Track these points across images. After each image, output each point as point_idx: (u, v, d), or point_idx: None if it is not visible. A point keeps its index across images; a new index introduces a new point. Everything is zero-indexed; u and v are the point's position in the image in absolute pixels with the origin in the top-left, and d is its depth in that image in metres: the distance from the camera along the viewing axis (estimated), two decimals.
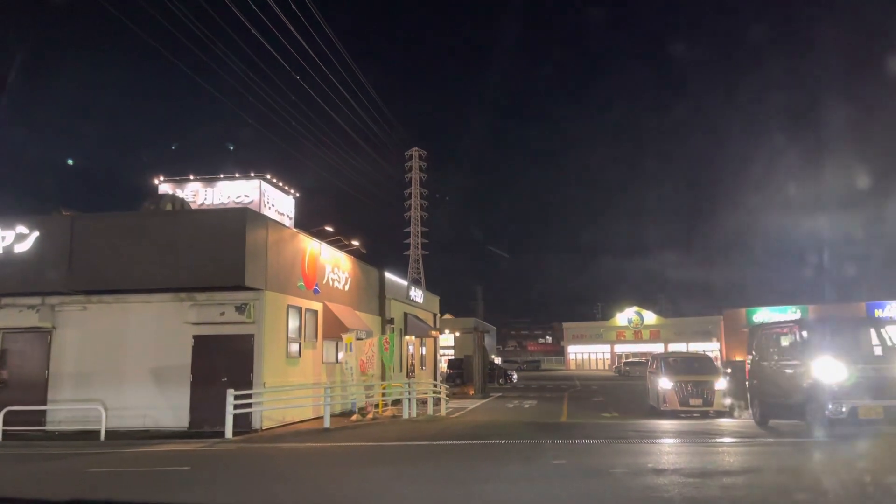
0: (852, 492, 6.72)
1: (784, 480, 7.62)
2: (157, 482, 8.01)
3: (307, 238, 18.28)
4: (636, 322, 76.33)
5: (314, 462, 9.55)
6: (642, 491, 6.83)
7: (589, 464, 8.68)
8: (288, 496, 6.66)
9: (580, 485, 7.31)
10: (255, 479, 8.16)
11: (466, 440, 11.86)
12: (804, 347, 11.83)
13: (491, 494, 6.81)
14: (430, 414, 18.62)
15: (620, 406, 21.62)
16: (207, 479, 8.24)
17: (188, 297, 15.23)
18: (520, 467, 8.31)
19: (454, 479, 7.68)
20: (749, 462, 9.36)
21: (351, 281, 21.02)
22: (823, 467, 8.82)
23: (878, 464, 8.83)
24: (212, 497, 6.50)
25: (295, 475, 8.36)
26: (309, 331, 17.70)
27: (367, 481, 7.74)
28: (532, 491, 6.96)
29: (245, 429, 14.21)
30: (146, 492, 7.03)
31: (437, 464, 8.69)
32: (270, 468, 8.84)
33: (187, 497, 6.27)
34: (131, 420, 14.86)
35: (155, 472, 8.76)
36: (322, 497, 6.69)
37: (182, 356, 15.05)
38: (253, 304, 14.92)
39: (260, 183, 21.10)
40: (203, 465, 9.22)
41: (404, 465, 8.72)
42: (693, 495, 6.56)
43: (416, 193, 78.41)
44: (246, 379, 14.78)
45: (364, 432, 13.83)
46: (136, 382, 15.08)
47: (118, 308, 15.45)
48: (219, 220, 15.45)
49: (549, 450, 10.02)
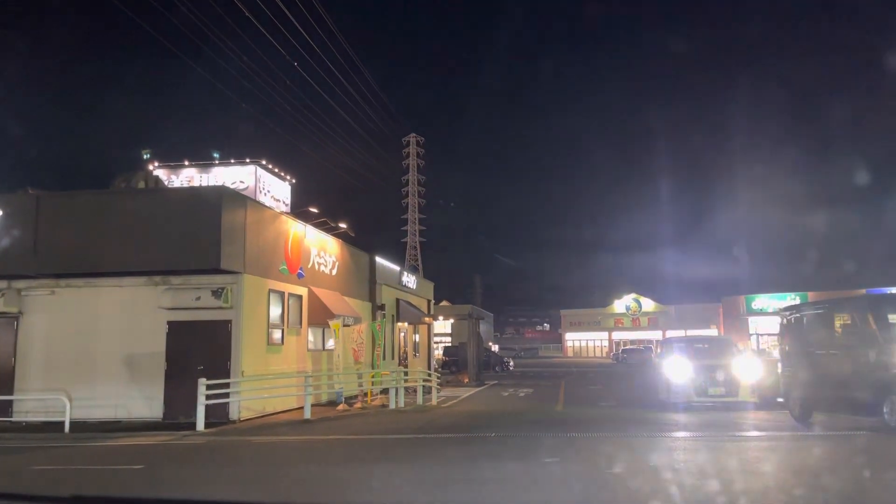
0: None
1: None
2: (98, 481, 7.22)
3: (290, 219, 17.44)
4: (634, 309, 75.83)
5: (281, 458, 8.70)
6: (645, 497, 6.00)
7: (584, 462, 7.77)
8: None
9: (573, 489, 6.46)
10: (207, 478, 7.37)
11: (453, 433, 11.03)
12: (875, 332, 10.04)
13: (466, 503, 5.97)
14: (420, 403, 17.87)
15: (618, 395, 20.97)
16: (156, 479, 7.44)
17: (162, 280, 14.45)
18: (506, 466, 7.39)
19: (429, 481, 6.81)
20: (797, 462, 8.18)
21: (339, 265, 20.21)
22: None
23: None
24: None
25: (253, 475, 7.54)
26: (293, 317, 16.90)
27: (330, 482, 6.94)
28: (516, 498, 6.11)
29: (222, 420, 13.50)
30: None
31: (414, 461, 7.81)
32: (231, 466, 8.00)
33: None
34: (103, 410, 14.13)
35: (102, 470, 7.98)
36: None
37: (156, 343, 14.29)
38: (230, 289, 14.14)
39: (255, 169, 20.52)
40: (160, 461, 8.42)
41: (378, 463, 7.84)
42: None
43: (413, 180, 77.68)
44: (223, 367, 14.05)
45: (345, 424, 13.05)
46: (107, 371, 14.34)
47: (89, 292, 14.65)
48: (193, 198, 14.60)
49: (542, 445, 9.16)
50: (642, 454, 8.63)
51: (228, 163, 20.88)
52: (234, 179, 20.42)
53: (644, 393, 18.37)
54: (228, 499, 5.89)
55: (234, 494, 5.93)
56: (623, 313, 76.29)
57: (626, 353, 53.29)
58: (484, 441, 9.84)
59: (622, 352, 56.81)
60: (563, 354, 79.01)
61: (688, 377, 14.61)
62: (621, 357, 54.43)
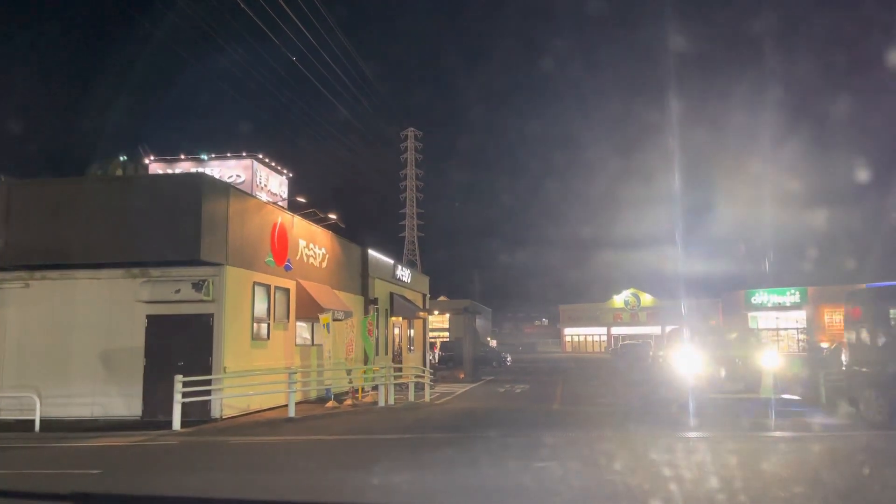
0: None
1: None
2: (42, 489, 6.55)
3: (277, 209, 16.80)
4: (633, 304, 75.33)
5: (252, 463, 7.95)
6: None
7: (580, 467, 7.07)
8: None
9: (565, 501, 5.79)
10: (160, 486, 6.68)
11: (441, 433, 10.37)
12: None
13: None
14: (412, 400, 17.26)
15: (617, 391, 20.39)
16: (106, 487, 6.75)
17: (141, 272, 13.83)
18: (491, 473, 6.64)
19: (400, 490, 6.08)
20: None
21: (329, 258, 19.57)
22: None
23: None
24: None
25: (216, 483, 6.86)
26: (279, 310, 16.27)
27: (296, 492, 6.25)
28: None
29: (203, 418, 12.90)
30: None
31: (392, 465, 7.08)
32: (194, 472, 7.24)
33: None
34: (79, 409, 13.53)
35: (54, 475, 7.34)
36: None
37: (134, 338, 13.67)
38: (212, 281, 13.52)
39: (252, 163, 20.06)
40: (121, 466, 7.76)
41: (353, 470, 7.05)
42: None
43: (411, 174, 77.07)
44: (205, 363, 13.44)
45: (330, 423, 12.42)
46: (84, 367, 13.72)
47: (64, 285, 14.01)
48: (172, 186, 13.96)
49: (535, 446, 8.48)
50: (643, 458, 7.93)
51: (225, 156, 20.47)
52: (230, 174, 19.98)
53: (645, 390, 17.75)
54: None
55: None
56: (622, 308, 75.80)
57: (625, 349, 52.61)
58: (471, 443, 9.12)
59: (621, 346, 56.14)
60: (562, 350, 78.46)
61: (701, 370, 13.27)
62: (620, 352, 53.75)
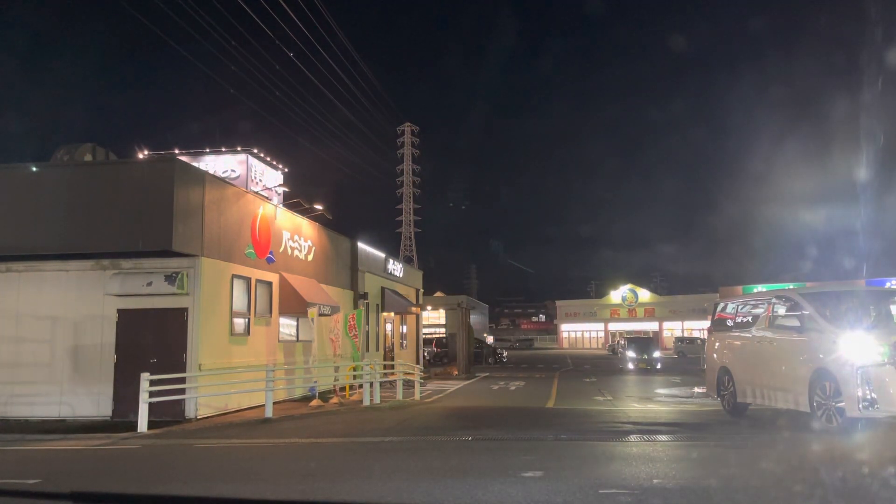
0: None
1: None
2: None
3: (259, 199, 16.02)
4: (630, 300, 74.83)
5: (208, 472, 7.02)
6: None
7: (573, 477, 6.23)
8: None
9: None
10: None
11: (424, 436, 9.58)
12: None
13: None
14: (400, 399, 16.51)
15: (615, 388, 19.71)
16: None
17: (112, 264, 13.08)
18: (472, 485, 5.77)
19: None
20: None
21: (315, 250, 18.81)
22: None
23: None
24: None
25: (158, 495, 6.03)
26: (261, 305, 15.51)
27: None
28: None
29: (176, 418, 12.18)
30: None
31: (366, 477, 6.21)
32: (140, 483, 6.34)
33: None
34: (45, 408, 12.83)
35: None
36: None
37: (104, 333, 12.95)
38: (186, 273, 12.77)
39: (247, 157, 19.43)
40: (65, 475, 6.96)
41: (318, 481, 6.11)
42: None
43: (407, 170, 76.35)
44: (179, 360, 12.73)
45: (308, 424, 11.65)
46: (51, 364, 13.01)
47: (31, 277, 13.29)
48: (143, 172, 13.15)
49: (525, 452, 7.69)
50: (643, 465, 7.15)
51: (220, 151, 19.84)
52: (224, 168, 19.31)
53: (640, 385, 17.03)
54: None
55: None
56: (619, 304, 75.31)
57: (630, 343, 51.66)
58: (455, 448, 8.22)
59: (618, 343, 55.37)
60: (559, 346, 77.94)
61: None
62: (617, 348, 52.97)
